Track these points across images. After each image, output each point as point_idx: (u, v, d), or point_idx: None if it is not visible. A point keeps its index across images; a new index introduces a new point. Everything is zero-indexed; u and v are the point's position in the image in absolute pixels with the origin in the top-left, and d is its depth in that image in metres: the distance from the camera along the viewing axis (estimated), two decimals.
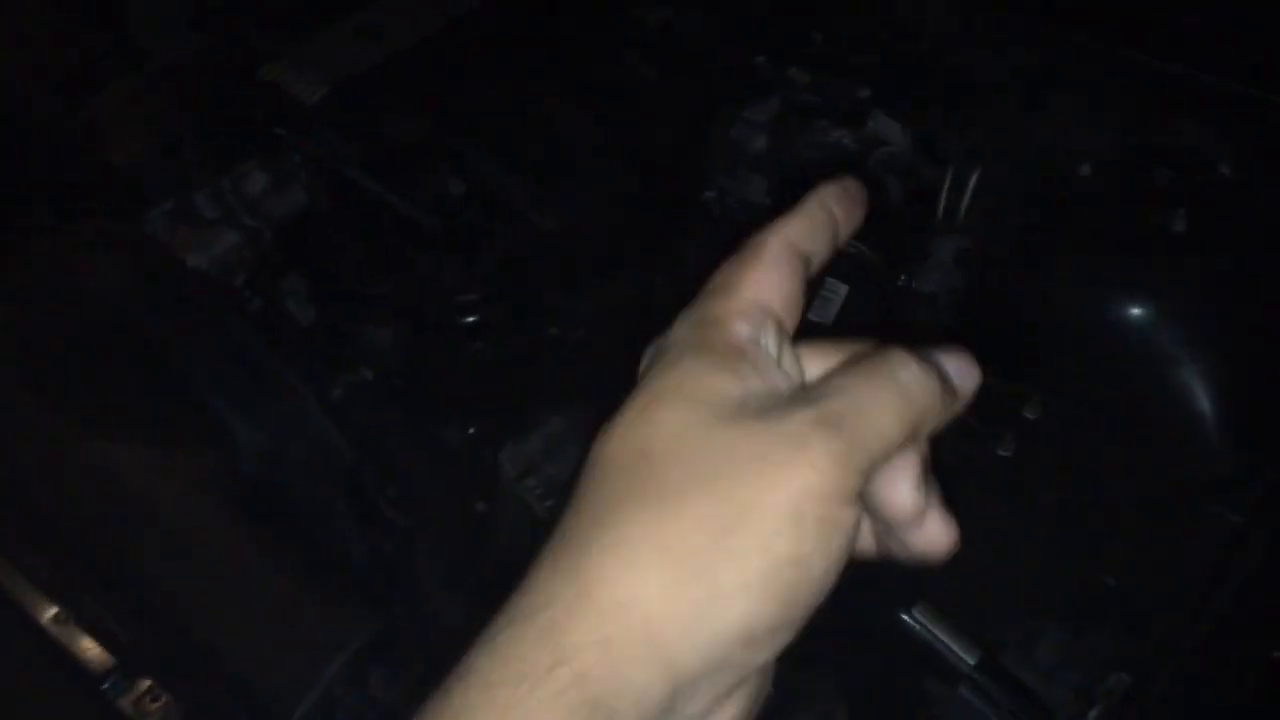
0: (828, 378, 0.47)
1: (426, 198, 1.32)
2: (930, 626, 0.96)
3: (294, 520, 1.13)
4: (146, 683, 1.02)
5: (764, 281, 0.49)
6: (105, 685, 1.02)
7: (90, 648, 1.03)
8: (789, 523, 0.42)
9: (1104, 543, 1.05)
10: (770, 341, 0.48)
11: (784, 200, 1.37)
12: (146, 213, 1.31)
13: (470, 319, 1.19)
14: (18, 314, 1.16)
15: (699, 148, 1.43)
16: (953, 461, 1.13)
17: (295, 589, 1.06)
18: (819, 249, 0.52)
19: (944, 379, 0.48)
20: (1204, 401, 1.09)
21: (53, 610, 1.03)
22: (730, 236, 1.45)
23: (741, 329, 0.47)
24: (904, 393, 0.46)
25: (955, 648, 0.95)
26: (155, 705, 1.00)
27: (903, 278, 1.29)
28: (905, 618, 0.97)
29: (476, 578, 1.21)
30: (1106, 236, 1.17)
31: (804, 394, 0.46)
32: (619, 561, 0.43)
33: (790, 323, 0.50)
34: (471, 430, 1.28)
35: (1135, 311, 1.13)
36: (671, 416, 0.45)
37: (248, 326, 1.19)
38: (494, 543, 1.28)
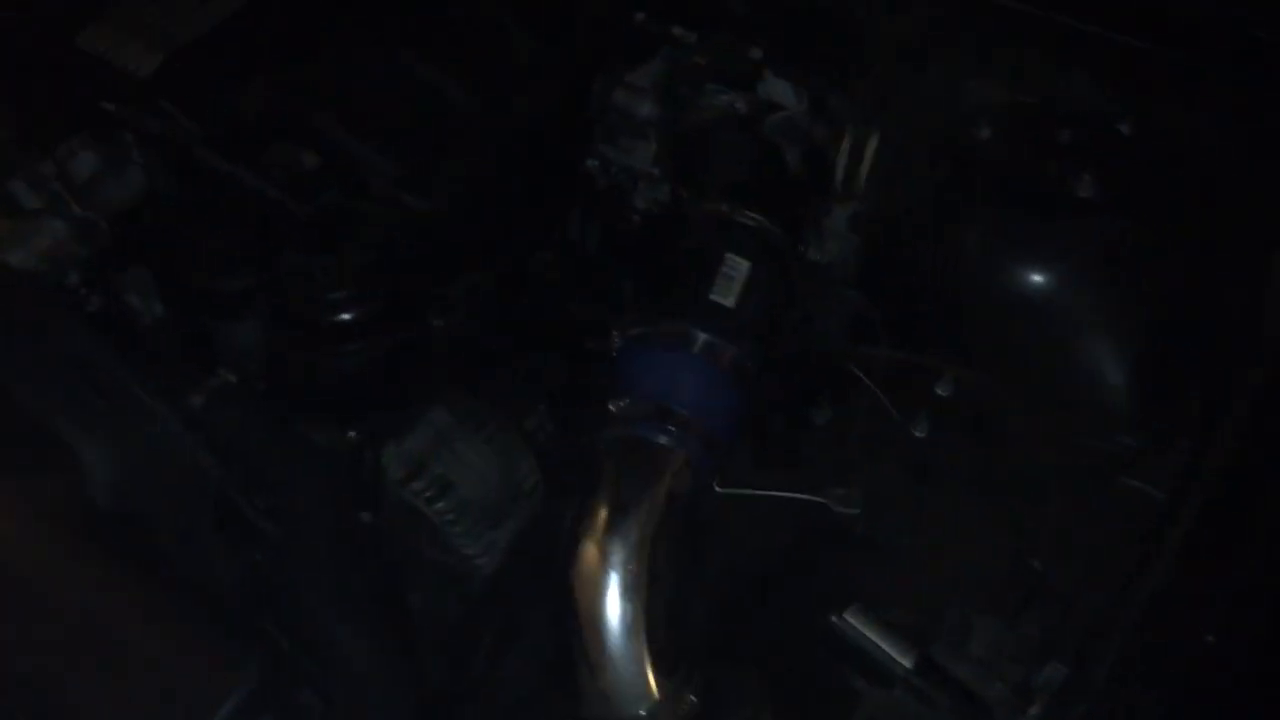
0: None
1: (281, 177, 1.19)
2: (864, 629, 0.92)
3: (154, 552, 1.01)
4: None
5: None
6: None
7: None
8: None
9: (1027, 522, 1.02)
10: None
11: (673, 169, 1.28)
12: None
13: (342, 317, 1.08)
14: None
15: (579, 114, 1.33)
16: (868, 445, 1.09)
17: (162, 634, 0.94)
18: None
19: None
20: (1114, 370, 1.08)
21: None
22: (614, 209, 1.37)
23: None
24: None
25: (890, 650, 0.91)
26: None
27: (801, 247, 1.23)
28: (838, 621, 0.93)
29: (368, 595, 1.11)
30: (1011, 200, 1.14)
31: None
32: None
33: None
34: (351, 433, 1.17)
35: (1042, 278, 1.10)
36: None
37: (85, 331, 1.04)
38: (383, 554, 1.18)
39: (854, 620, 0.92)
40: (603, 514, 1.05)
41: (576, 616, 1.01)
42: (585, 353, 1.40)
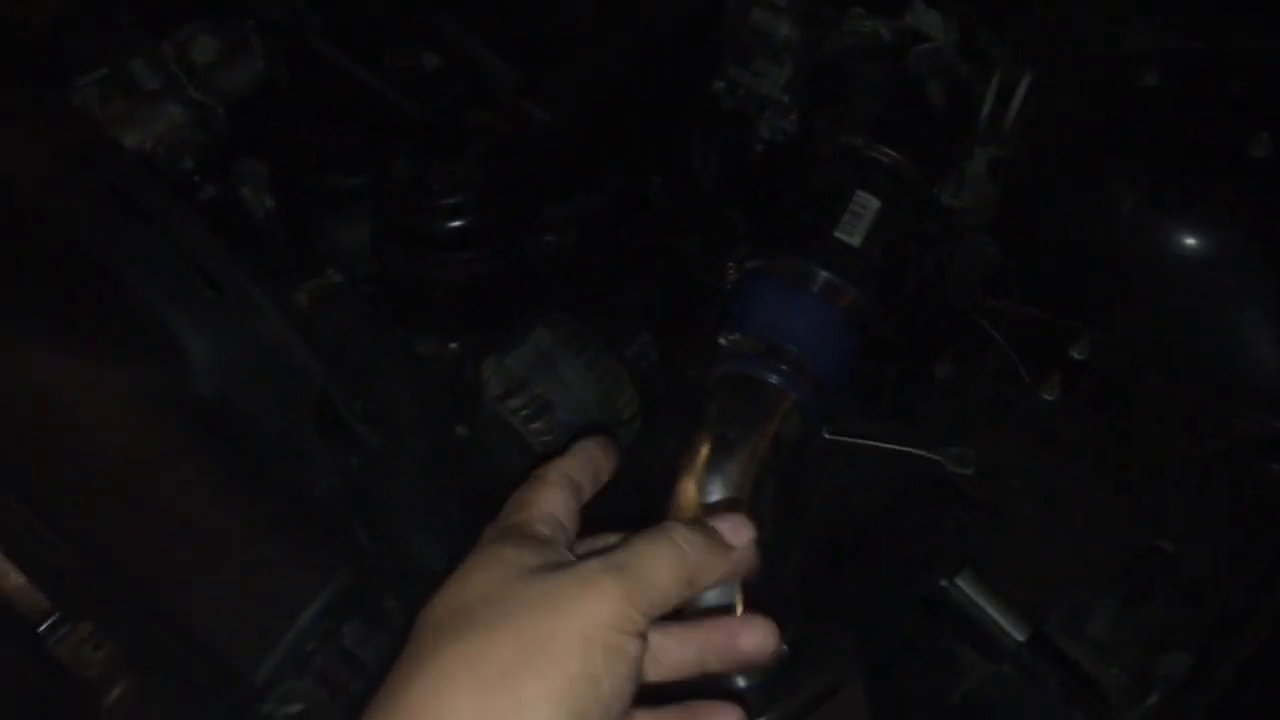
0: (619, 542, 0.59)
1: (402, 78, 1.15)
2: (977, 597, 0.87)
3: (255, 448, 1.00)
4: (88, 628, 0.89)
5: (551, 499, 0.63)
6: (40, 629, 0.89)
7: (23, 586, 0.91)
8: (581, 645, 0.52)
9: (1158, 501, 0.95)
10: (561, 538, 0.61)
11: (806, 98, 1.20)
12: (72, 81, 1.12)
13: (455, 224, 1.04)
14: None
15: (709, 32, 1.27)
16: (992, 404, 1.03)
17: (258, 528, 0.93)
18: (585, 483, 0.66)
19: (716, 538, 0.62)
20: (1272, 349, 0.99)
21: None
22: (737, 137, 1.31)
23: (540, 529, 0.60)
24: (678, 549, 0.58)
25: (1003, 622, 0.86)
26: (98, 654, 0.88)
27: (937, 190, 1.16)
28: (948, 585, 0.88)
29: (457, 510, 1.09)
30: (1174, 156, 1.05)
31: (598, 554, 0.57)
32: (437, 690, 0.52)
33: (572, 529, 0.63)
34: (453, 345, 1.14)
35: (1203, 243, 1.02)
36: (484, 576, 0.56)
37: (199, 220, 1.02)
38: (474, 470, 1.16)
39: (966, 586, 0.87)
40: (704, 451, 1.01)
41: None
42: (693, 284, 1.36)
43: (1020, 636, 0.85)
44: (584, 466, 0.66)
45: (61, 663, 0.86)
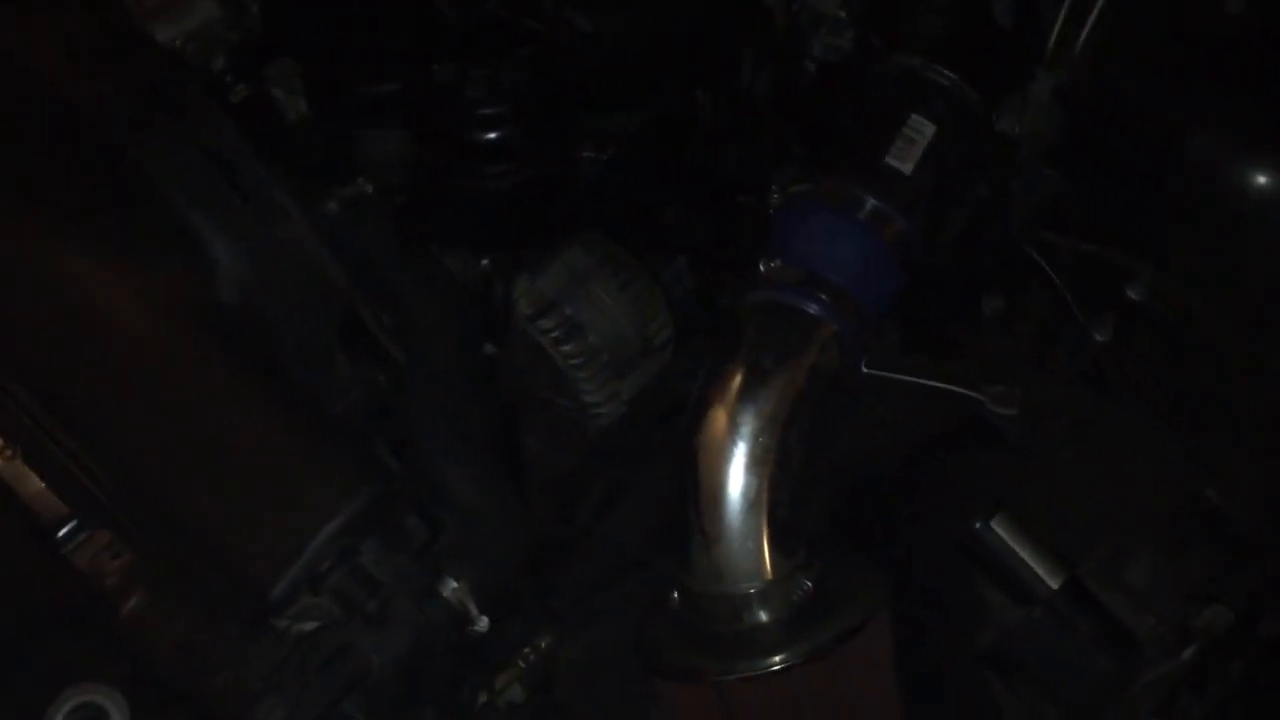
0: None
1: None
2: (1010, 540, 0.84)
3: (280, 358, 0.98)
4: (106, 537, 0.89)
5: None
6: (58, 535, 0.89)
7: (41, 493, 0.90)
8: None
9: (1210, 451, 0.91)
10: None
11: (864, 14, 1.13)
12: None
13: (493, 135, 1.01)
14: None
15: None
16: (1040, 343, 0.98)
17: (281, 440, 0.92)
18: None
19: None
20: None
21: None
22: (793, 51, 1.26)
23: None
24: None
25: (1037, 567, 0.83)
26: (115, 563, 0.88)
27: (997, 116, 1.11)
28: (981, 528, 0.85)
29: (483, 429, 1.07)
30: (1253, 90, 0.98)
31: None
32: None
33: None
34: (485, 262, 1.11)
35: (1276, 185, 0.96)
36: None
37: (230, 123, 1.00)
38: (502, 389, 1.14)
39: (1000, 529, 0.83)
40: (738, 380, 0.98)
41: (697, 484, 0.96)
42: (737, 208, 1.31)
43: (1054, 584, 0.82)
44: None
45: (79, 570, 0.85)
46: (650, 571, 1.15)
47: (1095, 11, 1.04)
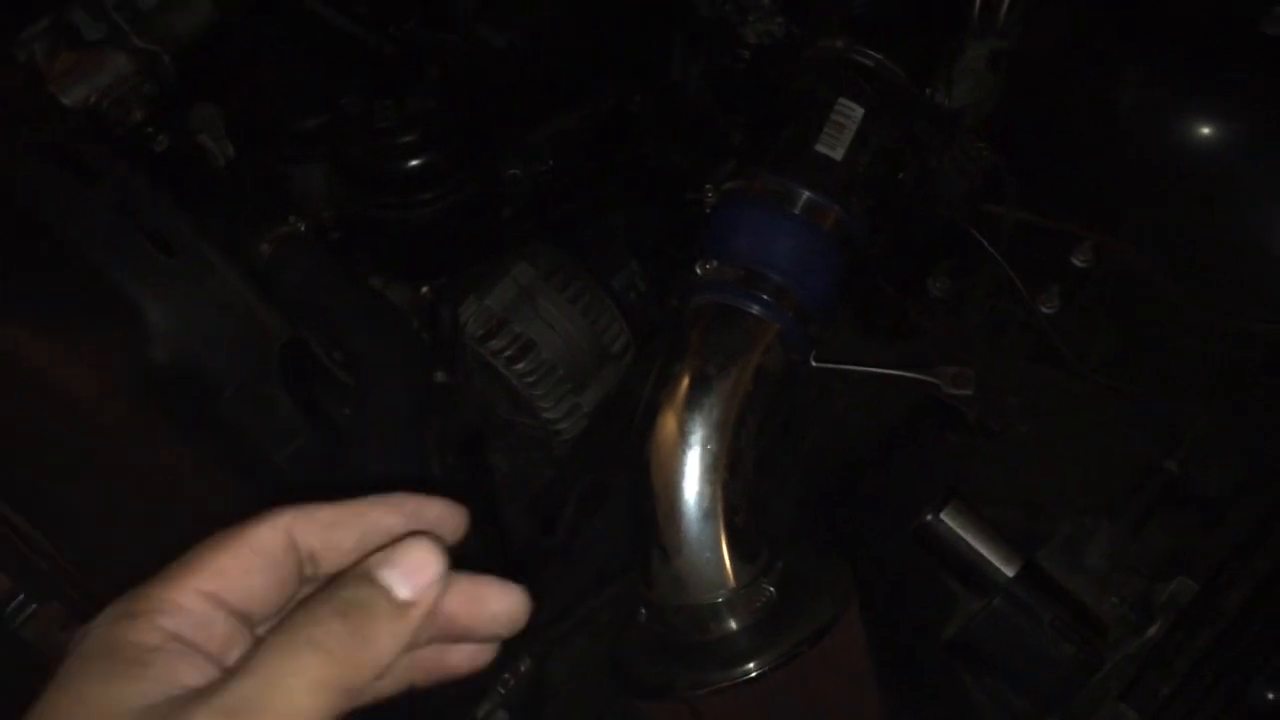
0: (244, 657, 0.41)
1: (355, 6, 1.09)
2: (962, 531, 0.82)
3: (221, 410, 0.97)
4: (58, 609, 0.88)
5: (227, 570, 0.43)
6: (6, 609, 0.88)
7: None
8: None
9: (1166, 420, 0.89)
10: (204, 634, 0.43)
11: (787, 2, 1.10)
12: (18, 34, 1.08)
13: (410, 164, 0.99)
14: None
15: None
16: (990, 321, 0.96)
17: (226, 498, 0.91)
18: (337, 553, 0.45)
19: (381, 604, 0.42)
20: None
21: None
22: (723, 43, 1.23)
23: (162, 625, 0.42)
24: (324, 657, 0.40)
25: (990, 556, 0.81)
26: (64, 635, 0.87)
27: (928, 91, 1.08)
28: (933, 520, 0.83)
29: (442, 461, 1.06)
30: (1181, 37, 0.96)
31: (213, 688, 0.40)
32: None
33: (260, 611, 0.44)
34: (424, 288, 1.10)
35: (1213, 132, 0.93)
36: None
37: (146, 178, 0.98)
38: (457, 417, 1.13)
39: (951, 520, 0.82)
40: (684, 387, 0.96)
41: (651, 495, 0.94)
42: (684, 205, 1.29)
43: (1009, 571, 0.80)
44: (336, 529, 0.45)
45: (27, 644, 0.84)
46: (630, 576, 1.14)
47: None
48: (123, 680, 0.41)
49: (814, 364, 1.01)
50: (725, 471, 0.93)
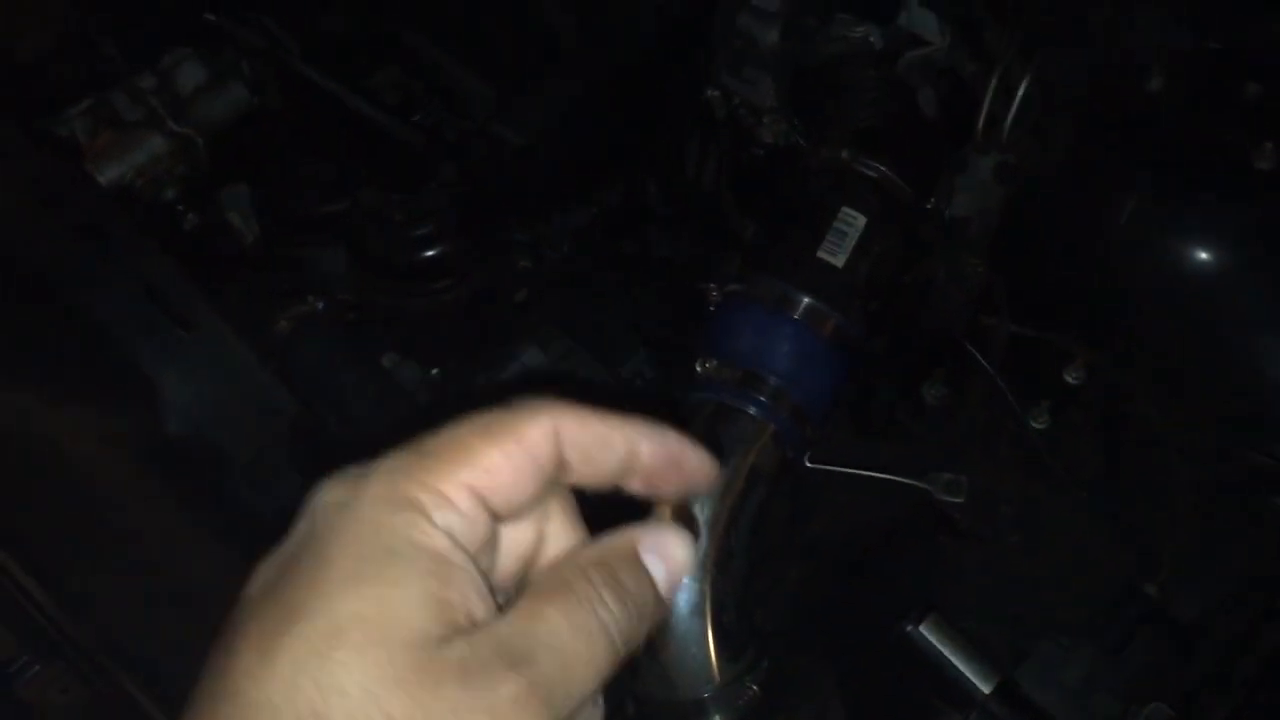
0: (531, 627, 0.37)
1: (383, 99, 1.14)
2: (941, 645, 0.83)
3: (230, 484, 1.00)
4: (58, 672, 0.91)
5: (497, 469, 0.38)
6: (10, 669, 0.91)
7: None
8: None
9: (1150, 540, 0.90)
10: (470, 542, 0.38)
11: (797, 106, 1.15)
12: (62, 113, 1.13)
13: (422, 255, 1.03)
14: None
15: (695, 40, 1.23)
16: (983, 430, 0.98)
17: (232, 571, 0.93)
18: (591, 469, 0.41)
19: (647, 591, 0.40)
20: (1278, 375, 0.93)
21: None
22: (734, 143, 1.27)
23: (446, 524, 0.37)
24: (608, 639, 0.38)
25: (968, 671, 0.82)
26: (63, 698, 0.89)
27: (931, 201, 1.11)
28: (913, 632, 0.84)
29: None
30: (1175, 166, 0.98)
31: (507, 650, 0.36)
32: None
33: (509, 517, 0.40)
34: (434, 371, 1.13)
35: (1205, 260, 0.96)
36: (360, 669, 0.34)
37: (167, 258, 1.02)
38: None
39: (930, 634, 0.83)
40: None
41: None
42: (693, 294, 1.32)
43: (986, 688, 0.81)
44: (604, 442, 0.40)
45: (25, 702, 0.87)
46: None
47: (1021, 91, 1.05)
48: (421, 605, 0.35)
49: (809, 464, 1.03)
50: (714, 569, 0.95)
